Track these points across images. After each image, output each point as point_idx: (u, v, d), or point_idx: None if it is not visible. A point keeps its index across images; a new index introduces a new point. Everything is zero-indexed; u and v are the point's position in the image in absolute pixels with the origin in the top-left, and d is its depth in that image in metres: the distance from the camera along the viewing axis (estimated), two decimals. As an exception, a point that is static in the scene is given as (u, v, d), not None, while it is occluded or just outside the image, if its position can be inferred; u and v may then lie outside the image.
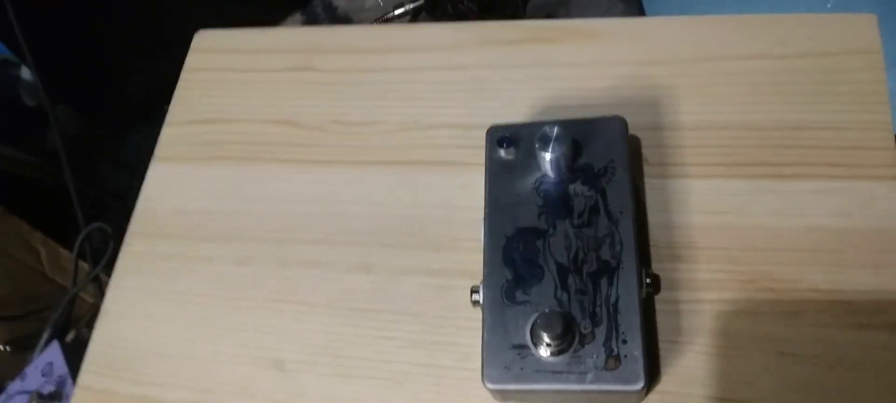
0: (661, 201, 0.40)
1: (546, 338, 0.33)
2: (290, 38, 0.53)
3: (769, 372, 0.35)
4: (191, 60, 0.53)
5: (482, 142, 0.40)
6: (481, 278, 0.36)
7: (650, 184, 0.41)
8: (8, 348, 0.89)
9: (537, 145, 0.37)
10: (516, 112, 0.45)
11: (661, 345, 0.37)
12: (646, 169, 0.41)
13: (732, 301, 0.37)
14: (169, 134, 0.50)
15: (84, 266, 0.88)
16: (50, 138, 1.11)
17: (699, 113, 0.42)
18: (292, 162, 0.47)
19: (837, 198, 0.38)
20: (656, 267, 0.39)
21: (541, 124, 0.38)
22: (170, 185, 0.48)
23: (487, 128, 0.40)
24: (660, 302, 0.38)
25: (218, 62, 0.52)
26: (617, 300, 0.34)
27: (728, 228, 0.39)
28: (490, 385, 0.34)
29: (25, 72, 1.23)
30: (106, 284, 0.47)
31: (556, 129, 0.37)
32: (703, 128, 0.42)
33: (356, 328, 0.41)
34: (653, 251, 0.39)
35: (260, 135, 0.48)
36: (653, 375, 0.36)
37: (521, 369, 0.34)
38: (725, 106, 0.42)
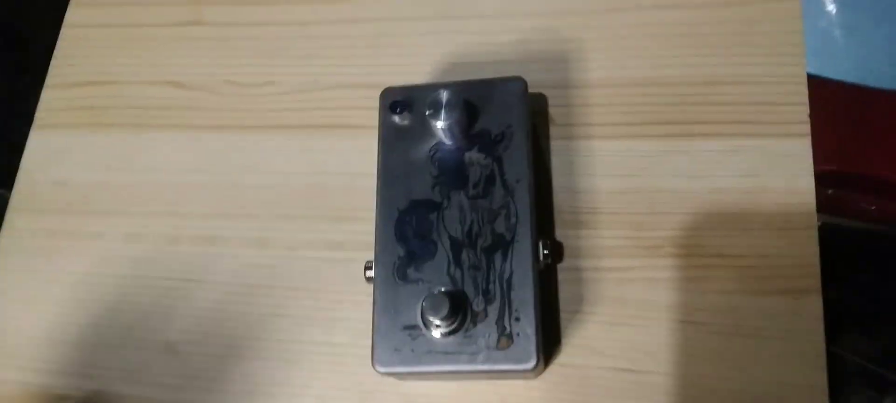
0: (566, 164, 0.38)
1: (435, 320, 0.31)
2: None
3: (671, 342, 0.34)
4: (71, 15, 0.48)
5: (380, 104, 0.37)
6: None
7: (556, 146, 0.39)
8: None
9: (429, 111, 0.34)
10: (419, 69, 0.42)
11: (563, 316, 0.36)
12: (552, 130, 0.39)
13: (636, 268, 0.36)
14: (49, 98, 0.46)
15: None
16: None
17: (609, 68, 0.40)
18: (181, 127, 0.43)
19: (747, 158, 0.37)
20: (560, 233, 0.37)
21: (436, 87, 0.35)
22: (51, 155, 0.44)
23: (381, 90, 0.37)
24: (562, 270, 0.36)
25: (101, 17, 0.47)
26: (511, 275, 0.32)
27: (634, 191, 0.37)
28: (380, 369, 0.32)
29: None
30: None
31: (448, 94, 0.34)
32: (612, 84, 0.40)
33: (250, 306, 0.39)
34: (557, 217, 0.37)
35: (146, 98, 0.44)
36: (550, 349, 0.35)
37: (412, 351, 0.32)
38: (636, 60, 0.40)
